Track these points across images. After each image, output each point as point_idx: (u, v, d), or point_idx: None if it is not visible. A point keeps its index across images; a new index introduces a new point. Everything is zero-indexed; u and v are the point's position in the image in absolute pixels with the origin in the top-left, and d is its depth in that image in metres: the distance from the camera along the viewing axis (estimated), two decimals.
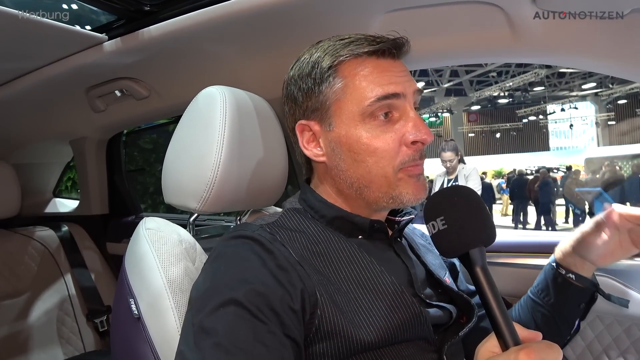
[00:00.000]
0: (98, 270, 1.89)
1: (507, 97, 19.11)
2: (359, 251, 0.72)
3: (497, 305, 0.52)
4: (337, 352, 0.62)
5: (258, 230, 0.69)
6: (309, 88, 0.76)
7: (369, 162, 0.72)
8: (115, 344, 0.80)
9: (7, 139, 1.89)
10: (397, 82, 0.72)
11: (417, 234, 0.94)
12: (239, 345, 0.55)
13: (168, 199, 0.93)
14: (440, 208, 0.59)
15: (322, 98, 0.75)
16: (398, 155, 0.72)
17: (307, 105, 0.77)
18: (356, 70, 0.73)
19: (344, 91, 0.73)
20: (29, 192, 2.07)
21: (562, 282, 0.83)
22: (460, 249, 0.56)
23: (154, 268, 0.75)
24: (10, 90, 1.41)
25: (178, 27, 1.05)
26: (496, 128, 22.33)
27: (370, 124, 0.72)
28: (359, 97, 0.72)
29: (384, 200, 0.74)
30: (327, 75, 0.74)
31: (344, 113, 0.73)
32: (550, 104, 19.37)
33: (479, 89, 18.29)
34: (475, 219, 0.58)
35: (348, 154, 0.74)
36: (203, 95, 0.89)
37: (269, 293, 0.60)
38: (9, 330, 1.65)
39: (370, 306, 0.66)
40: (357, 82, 0.72)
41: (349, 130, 0.73)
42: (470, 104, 20.77)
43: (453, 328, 0.75)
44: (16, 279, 1.73)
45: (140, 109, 1.50)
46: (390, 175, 0.72)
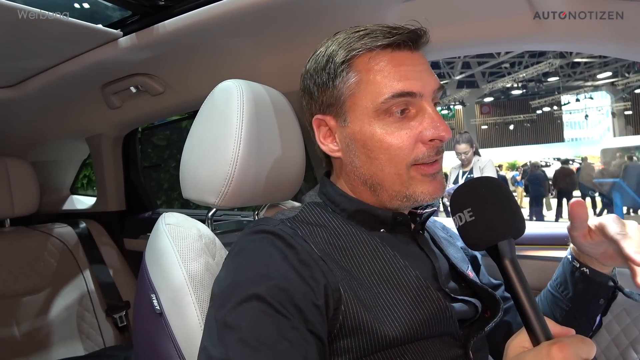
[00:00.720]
0: (116, 266, 1.90)
1: (521, 88, 18.86)
2: (381, 245, 0.71)
3: (527, 299, 0.51)
4: (362, 348, 0.61)
5: (279, 225, 0.68)
6: (323, 82, 0.75)
7: (382, 159, 0.71)
8: (138, 339, 0.81)
9: (24, 137, 1.91)
10: (415, 79, 0.69)
11: (438, 227, 0.92)
12: (262, 341, 0.54)
13: (186, 194, 0.92)
14: (468, 199, 0.58)
15: (337, 93, 0.73)
16: (412, 152, 0.70)
17: (323, 99, 0.76)
18: (370, 65, 0.71)
19: (358, 86, 0.71)
20: (47, 190, 2.10)
21: (579, 276, 0.80)
22: (489, 241, 0.55)
23: (175, 263, 0.75)
24: (27, 89, 1.43)
25: (193, 21, 1.04)
26: (509, 120, 22.09)
27: (385, 120, 0.70)
28: (374, 93, 0.70)
29: (397, 199, 0.73)
30: (340, 70, 0.72)
31: (358, 109, 0.72)
32: (565, 95, 19.10)
33: (492, 80, 18.08)
34: (504, 211, 0.56)
35: (362, 150, 0.73)
36: (220, 89, 0.88)
37: (291, 289, 0.59)
38: (30, 326, 1.67)
39: (395, 301, 0.65)
40: (371, 77, 0.70)
41: (363, 126, 0.72)
42: (482, 96, 20.55)
43: (478, 323, 0.73)
44: (36, 276, 1.75)
45: (155, 105, 1.50)
46: (403, 173, 0.71)
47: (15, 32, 1.06)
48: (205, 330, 0.62)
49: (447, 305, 0.68)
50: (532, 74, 15.77)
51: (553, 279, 0.87)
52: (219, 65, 1.24)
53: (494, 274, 0.96)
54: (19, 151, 1.95)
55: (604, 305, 0.81)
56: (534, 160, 12.85)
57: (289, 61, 1.14)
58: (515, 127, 22.24)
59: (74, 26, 1.07)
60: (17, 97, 1.47)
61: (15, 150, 1.94)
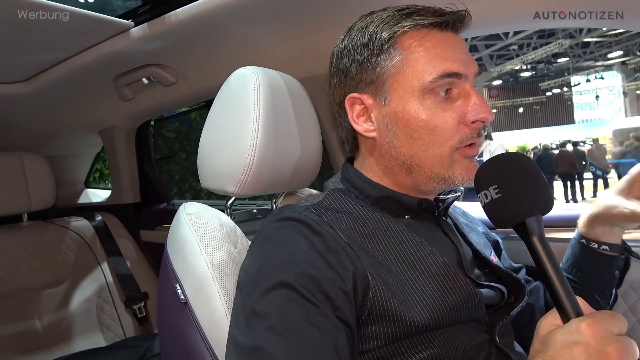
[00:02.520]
0: (133, 258, 1.92)
1: (530, 70, 18.59)
2: (407, 232, 0.70)
3: (557, 276, 0.51)
4: (390, 334, 0.61)
5: (304, 212, 0.68)
6: (364, 59, 0.72)
7: (426, 139, 0.69)
8: (163, 330, 0.81)
9: (39, 131, 1.92)
10: (461, 60, 0.69)
11: (459, 213, 0.92)
12: (292, 328, 0.54)
13: (205, 184, 0.92)
14: (493, 176, 0.57)
15: (380, 70, 0.71)
16: (456, 134, 0.69)
17: (362, 77, 0.73)
18: (418, 43, 0.69)
19: (403, 64, 0.69)
20: (62, 184, 2.11)
21: (591, 255, 0.81)
22: (516, 218, 0.54)
23: (198, 253, 0.75)
24: (40, 83, 1.43)
25: (205, 9, 1.03)
26: (519, 103, 21.83)
27: (430, 100, 0.69)
28: (421, 71, 0.68)
29: (434, 181, 0.72)
30: (386, 47, 0.70)
31: (402, 87, 0.70)
32: (575, 75, 18.80)
33: (500, 63, 17.81)
34: (532, 186, 0.55)
35: (403, 129, 0.71)
36: (235, 76, 0.87)
37: (319, 275, 0.58)
38: (52, 319, 1.69)
39: (422, 288, 0.65)
40: (418, 55, 0.69)
41: (407, 106, 0.69)
42: (491, 79, 20.27)
43: (503, 308, 0.73)
44: (56, 269, 1.77)
45: (167, 96, 1.50)
46: (446, 155, 0.70)
47: (27, 26, 1.05)
48: (233, 318, 0.62)
49: (476, 291, 0.67)
50: (541, 56, 15.52)
51: (563, 262, 0.88)
52: (232, 53, 1.23)
53: (514, 257, 0.96)
54: (33, 146, 1.97)
55: (618, 277, 0.83)
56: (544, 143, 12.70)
57: (304, 47, 1.13)
58: (525, 110, 21.98)
59: (85, 18, 1.07)
60: (30, 92, 1.47)
61: (30, 145, 1.95)
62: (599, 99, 19.34)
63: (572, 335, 0.45)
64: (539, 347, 0.48)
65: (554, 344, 0.46)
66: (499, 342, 0.68)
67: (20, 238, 1.75)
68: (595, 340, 0.44)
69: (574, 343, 0.45)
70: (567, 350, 0.45)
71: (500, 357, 0.68)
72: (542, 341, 0.48)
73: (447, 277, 0.67)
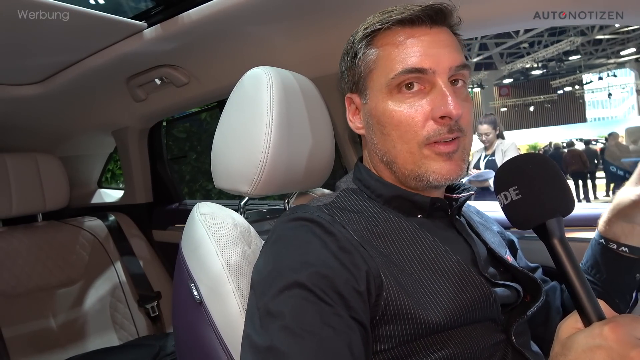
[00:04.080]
0: (146, 257, 1.93)
1: (541, 68, 18.43)
2: (420, 231, 0.70)
3: (578, 279, 0.50)
4: (405, 334, 0.61)
5: (317, 212, 0.68)
6: (349, 61, 0.77)
7: (394, 135, 0.71)
8: (179, 329, 0.81)
9: (53, 132, 1.94)
10: (427, 55, 0.68)
11: (473, 212, 0.91)
12: (306, 328, 0.54)
13: (218, 184, 0.92)
14: (513, 177, 0.56)
15: (358, 70, 0.75)
16: (423, 129, 0.68)
17: (350, 78, 0.78)
18: (386, 41, 0.71)
19: (375, 62, 0.72)
20: (76, 184, 2.13)
21: (611, 256, 0.78)
22: (536, 219, 0.53)
23: (212, 252, 0.75)
24: (54, 84, 1.44)
25: (217, 9, 1.03)
26: (529, 101, 21.65)
27: (396, 96, 0.70)
28: (388, 68, 0.70)
29: (411, 179, 0.72)
30: (360, 46, 0.74)
31: (375, 85, 0.73)
32: (587, 73, 18.57)
33: (511, 61, 17.65)
34: (553, 187, 0.54)
35: (377, 126, 0.73)
36: (248, 76, 0.87)
37: (332, 275, 0.58)
38: (66, 318, 1.71)
39: (437, 287, 0.64)
40: (387, 53, 0.71)
41: (378, 103, 0.72)
42: (501, 78, 20.11)
43: (519, 307, 0.72)
44: (70, 268, 1.79)
45: (180, 96, 1.50)
46: (415, 152, 0.70)
47: (42, 28, 1.06)
48: (248, 318, 0.62)
49: (491, 290, 0.67)
50: (553, 53, 15.35)
51: (583, 263, 0.86)
52: (244, 53, 1.23)
53: (530, 257, 0.95)
54: (48, 147, 1.99)
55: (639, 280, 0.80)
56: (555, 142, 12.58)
57: (316, 47, 1.13)
58: (536, 108, 21.79)
59: (99, 19, 1.08)
60: (44, 93, 1.49)
61: (45, 146, 1.98)
62: (612, 96, 19.09)
63: (594, 339, 0.44)
64: (559, 351, 0.48)
65: (576, 348, 0.46)
66: (515, 341, 0.68)
67: (36, 238, 1.77)
68: (618, 345, 0.43)
69: (596, 347, 0.44)
70: (589, 354, 0.44)
71: (516, 356, 0.67)
72: (563, 344, 0.48)
73: (461, 276, 0.66)
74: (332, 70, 1.17)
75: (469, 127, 0.71)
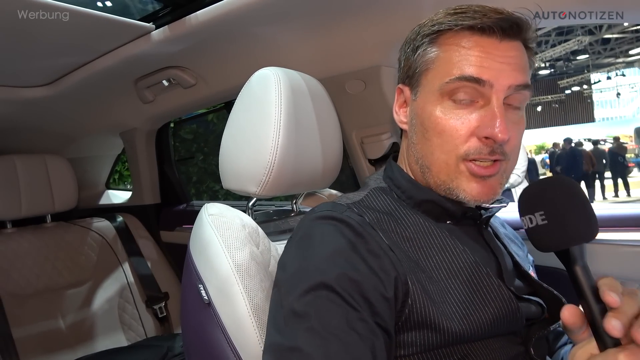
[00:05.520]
0: (154, 258, 1.94)
1: (548, 68, 18.27)
2: (450, 238, 0.68)
3: (596, 304, 0.49)
4: (426, 342, 0.60)
5: (347, 212, 0.66)
6: (410, 52, 0.73)
7: (435, 142, 0.68)
8: (187, 329, 0.81)
9: (61, 134, 1.95)
10: (488, 67, 0.64)
11: (499, 223, 0.88)
12: (331, 331, 0.53)
13: (227, 185, 0.92)
14: (540, 201, 0.55)
15: (414, 65, 0.72)
16: (464, 144, 0.66)
17: (406, 69, 0.75)
18: (451, 43, 0.67)
19: (434, 62, 0.69)
20: (84, 185, 2.14)
21: None
22: (560, 246, 0.52)
23: (221, 253, 0.75)
24: (62, 86, 1.45)
25: (225, 10, 1.03)
26: (537, 101, 21.47)
27: (447, 103, 0.67)
28: (445, 72, 0.67)
29: (441, 189, 0.70)
30: (423, 42, 0.70)
31: (429, 84, 0.69)
32: (595, 73, 18.42)
33: None
34: (579, 215, 0.53)
35: (420, 127, 0.71)
36: (257, 77, 0.87)
37: (361, 280, 0.57)
38: (75, 318, 1.72)
39: (464, 298, 0.63)
40: (448, 55, 0.67)
41: (427, 105, 0.69)
42: None
43: (540, 321, 0.71)
44: (78, 269, 1.80)
45: (187, 98, 1.51)
46: (451, 163, 0.67)
47: (52, 30, 1.07)
48: (271, 316, 0.61)
49: (519, 305, 0.65)
50: (560, 53, 15.24)
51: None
52: (252, 54, 1.23)
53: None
54: (56, 148, 2.00)
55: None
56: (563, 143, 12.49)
57: (324, 47, 1.13)
58: (543, 108, 21.63)
59: (107, 21, 1.08)
60: (53, 95, 1.50)
61: (53, 147, 1.99)
62: (620, 96, 18.92)
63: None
64: None
65: None
66: (534, 354, 0.67)
67: (45, 238, 1.78)
68: None
69: None
70: None
71: None
72: None
73: (489, 288, 0.64)
74: (340, 70, 1.17)
75: (514, 152, 0.68)
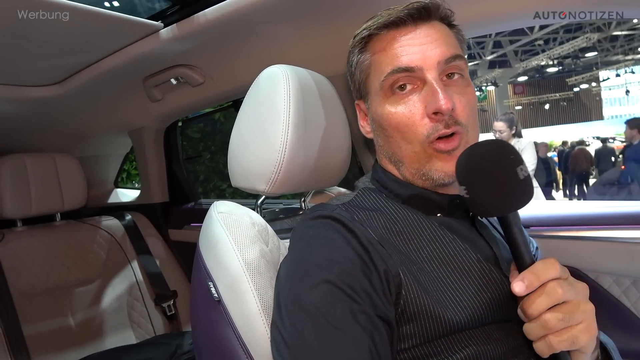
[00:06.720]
0: (162, 257, 1.95)
1: (556, 66, 18.11)
2: (440, 229, 0.70)
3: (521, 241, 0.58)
4: (425, 333, 0.61)
5: (337, 210, 0.68)
6: (350, 69, 0.80)
7: (397, 136, 0.71)
8: (197, 327, 0.81)
9: (70, 133, 1.96)
10: (413, 53, 0.68)
11: None
12: (336, 325, 0.55)
13: (235, 183, 0.92)
14: (461, 176, 0.60)
15: (356, 76, 0.78)
16: (422, 128, 0.68)
17: (354, 85, 0.80)
18: (377, 45, 0.73)
19: (369, 67, 0.74)
20: (93, 184, 2.16)
21: None
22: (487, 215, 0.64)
23: (230, 251, 0.75)
24: (72, 85, 1.46)
25: (234, 9, 1.03)
26: (545, 99, 21.38)
27: (391, 98, 0.71)
28: (379, 72, 0.72)
29: (419, 177, 0.72)
30: (355, 53, 0.77)
31: (372, 89, 0.74)
32: (604, 70, 18.27)
33: (525, 59, 17.42)
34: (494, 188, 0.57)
35: (380, 129, 0.75)
36: (265, 75, 0.87)
37: (358, 273, 0.59)
38: (84, 316, 1.73)
39: (456, 285, 0.64)
40: (377, 56, 0.72)
41: (377, 107, 0.74)
42: (516, 75, 19.85)
43: None
44: (87, 267, 1.81)
45: (195, 96, 1.51)
46: (419, 151, 0.70)
47: (62, 29, 1.07)
48: (276, 314, 0.63)
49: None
50: (568, 50, 15.12)
51: None
52: (260, 52, 1.23)
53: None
54: (66, 147, 2.01)
55: None
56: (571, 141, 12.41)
57: (332, 45, 1.12)
58: (551, 106, 21.50)
59: (116, 20, 1.08)
60: (62, 94, 1.50)
61: (63, 146, 2.00)
62: (630, 94, 18.75)
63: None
64: None
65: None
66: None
67: (54, 237, 1.79)
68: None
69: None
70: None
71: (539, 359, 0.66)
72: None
73: (481, 273, 0.66)
74: None
75: (469, 120, 0.70)
